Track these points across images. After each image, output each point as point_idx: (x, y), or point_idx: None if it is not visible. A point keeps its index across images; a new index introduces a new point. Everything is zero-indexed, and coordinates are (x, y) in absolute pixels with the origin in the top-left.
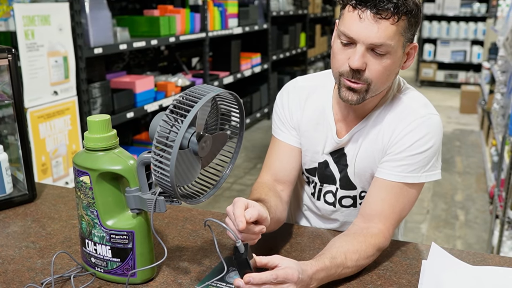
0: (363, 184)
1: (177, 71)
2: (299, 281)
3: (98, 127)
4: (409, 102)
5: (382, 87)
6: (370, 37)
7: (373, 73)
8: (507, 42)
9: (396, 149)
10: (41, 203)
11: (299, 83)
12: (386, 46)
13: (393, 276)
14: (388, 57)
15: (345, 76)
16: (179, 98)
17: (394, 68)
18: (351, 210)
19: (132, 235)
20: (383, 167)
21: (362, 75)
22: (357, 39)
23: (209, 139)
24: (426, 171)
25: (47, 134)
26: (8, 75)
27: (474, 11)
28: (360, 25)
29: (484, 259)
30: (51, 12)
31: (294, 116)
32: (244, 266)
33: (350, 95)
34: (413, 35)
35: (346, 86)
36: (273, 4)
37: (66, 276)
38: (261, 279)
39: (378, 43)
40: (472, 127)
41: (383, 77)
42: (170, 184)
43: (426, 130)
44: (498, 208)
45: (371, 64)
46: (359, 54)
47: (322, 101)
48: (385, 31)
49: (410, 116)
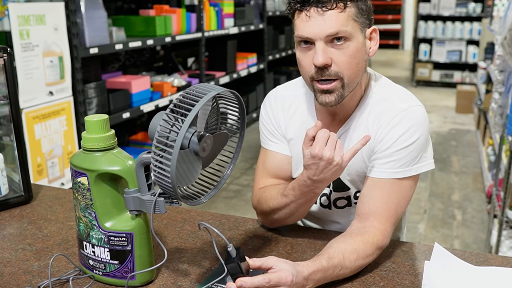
0: (356, 184)
1: (173, 71)
2: (293, 284)
3: (96, 127)
4: (389, 97)
5: (356, 78)
6: (324, 30)
7: (341, 65)
8: (505, 41)
9: (382, 146)
10: (37, 204)
11: (280, 93)
12: (342, 32)
13: (395, 277)
14: (349, 45)
15: (316, 78)
16: (179, 97)
17: (361, 55)
18: (347, 209)
19: (131, 237)
20: (373, 165)
21: (330, 71)
22: (313, 36)
23: (209, 139)
24: (416, 163)
25: (42, 135)
26: (3, 75)
27: (469, 11)
28: (311, 23)
29: (486, 260)
30: (46, 11)
31: (282, 125)
32: (235, 270)
33: (327, 97)
34: (369, 20)
35: (319, 90)
36: (269, 4)
37: (64, 279)
38: (253, 283)
39: (333, 33)
40: (468, 127)
41: (352, 67)
42: (170, 185)
43: (409, 123)
44: (496, 208)
45: (336, 57)
46: (320, 49)
47: (305, 109)
48: (335, 19)
49: (391, 112)
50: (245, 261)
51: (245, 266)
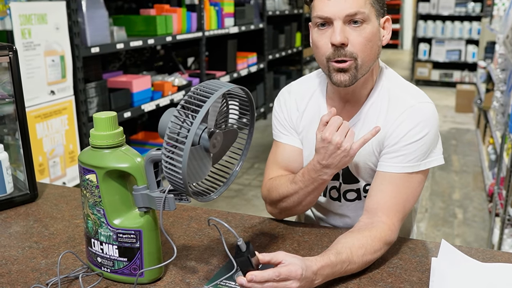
0: (365, 177)
1: (173, 71)
2: (303, 278)
3: (104, 124)
4: (399, 93)
5: (369, 62)
6: (343, 9)
7: (356, 45)
8: (507, 40)
9: (392, 141)
10: (42, 203)
11: (294, 87)
12: (361, 14)
13: (403, 274)
14: (365, 27)
15: (332, 58)
16: (190, 93)
17: (375, 39)
18: (356, 203)
19: (140, 234)
20: (382, 160)
21: (346, 51)
22: (332, 15)
23: (220, 135)
24: (425, 158)
25: (44, 134)
26: (9, 73)
27: (468, 10)
28: (331, 2)
29: (493, 256)
30: (48, 11)
31: (293, 118)
32: (246, 264)
33: (341, 76)
34: (383, 9)
35: (335, 68)
36: (269, 4)
37: (72, 276)
38: (264, 277)
39: (352, 12)
40: (468, 126)
41: (367, 49)
42: (182, 181)
43: (418, 119)
44: (498, 206)
45: (352, 38)
46: (338, 29)
47: (317, 101)
48: (355, 1)
49: (401, 107)
50: (254, 256)
51: (255, 260)
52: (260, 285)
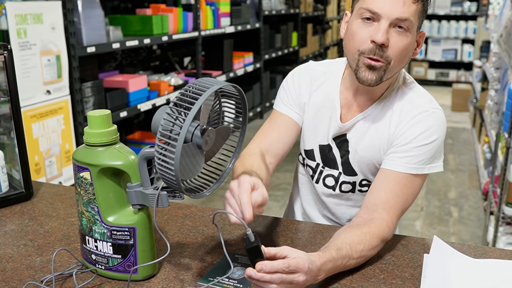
0: (364, 172)
1: (169, 71)
2: (309, 271)
3: (98, 122)
4: (415, 97)
5: (397, 68)
6: (396, 12)
7: (394, 50)
8: (501, 38)
9: (402, 141)
10: (37, 201)
11: (311, 66)
12: (409, 21)
13: (395, 270)
14: (408, 35)
15: (366, 54)
16: (182, 91)
17: (410, 50)
18: (347, 196)
19: (134, 231)
20: (389, 158)
21: (384, 52)
22: (382, 13)
23: (212, 132)
24: (430, 163)
25: (40, 134)
26: (4, 72)
27: (464, 9)
28: (387, 0)
29: (485, 252)
30: (44, 10)
31: (302, 95)
32: (256, 254)
33: (370, 74)
34: (422, 23)
35: (366, 64)
36: (265, 3)
37: (67, 273)
38: (273, 267)
39: (403, 17)
40: (464, 125)
41: (401, 57)
42: (174, 177)
43: (431, 123)
44: (492, 204)
45: (393, 42)
46: (384, 29)
47: (331, 86)
48: (409, 7)
49: (415, 110)
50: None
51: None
52: (269, 276)
